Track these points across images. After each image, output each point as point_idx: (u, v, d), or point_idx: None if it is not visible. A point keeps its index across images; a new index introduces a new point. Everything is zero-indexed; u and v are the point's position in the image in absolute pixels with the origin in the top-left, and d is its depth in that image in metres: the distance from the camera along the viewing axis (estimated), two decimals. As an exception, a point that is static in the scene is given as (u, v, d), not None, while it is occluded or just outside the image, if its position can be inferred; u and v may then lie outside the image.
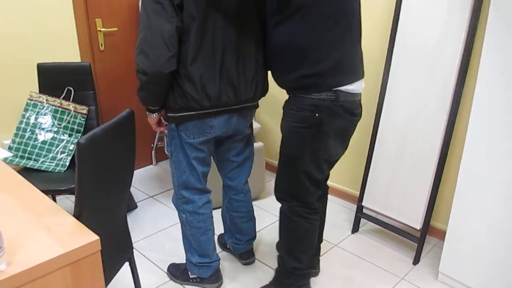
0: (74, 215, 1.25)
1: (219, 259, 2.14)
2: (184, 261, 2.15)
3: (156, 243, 2.50)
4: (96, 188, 1.34)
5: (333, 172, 1.85)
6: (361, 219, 2.62)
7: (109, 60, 3.04)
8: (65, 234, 1.13)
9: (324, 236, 2.56)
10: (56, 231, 1.15)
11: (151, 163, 3.55)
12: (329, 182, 1.95)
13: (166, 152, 3.45)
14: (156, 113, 1.85)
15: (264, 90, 1.97)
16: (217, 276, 2.12)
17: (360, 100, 1.77)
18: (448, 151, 2.22)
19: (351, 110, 1.70)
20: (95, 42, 2.92)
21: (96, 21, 2.88)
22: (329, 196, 2.97)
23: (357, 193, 2.62)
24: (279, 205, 1.91)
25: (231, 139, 2.02)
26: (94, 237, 1.13)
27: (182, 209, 2.00)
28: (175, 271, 2.20)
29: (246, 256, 2.30)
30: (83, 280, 1.11)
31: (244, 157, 2.11)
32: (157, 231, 2.63)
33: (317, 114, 1.65)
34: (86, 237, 1.12)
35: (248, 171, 2.17)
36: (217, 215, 2.22)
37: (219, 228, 2.39)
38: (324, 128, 1.68)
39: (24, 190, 1.38)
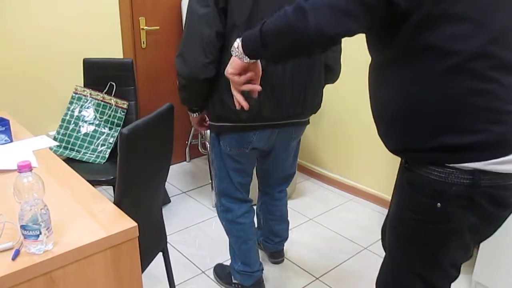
0: (114, 203, 1.31)
1: (262, 269, 2.08)
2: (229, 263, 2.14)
3: (188, 238, 2.56)
4: (135, 177, 1.40)
5: (365, 175, 1.73)
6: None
7: (150, 57, 3.13)
8: (106, 220, 1.19)
9: (355, 240, 2.55)
10: (99, 216, 1.21)
11: (185, 160, 3.62)
12: (361, 186, 1.82)
13: (200, 149, 3.51)
14: (197, 113, 1.82)
15: (315, 105, 1.80)
16: (258, 287, 2.08)
17: None
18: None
19: (500, 201, 1.09)
20: (138, 39, 3.02)
21: (140, 19, 2.98)
22: (361, 200, 2.98)
23: (389, 197, 2.59)
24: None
25: (273, 153, 1.95)
26: (133, 223, 1.18)
27: (222, 217, 1.98)
28: (221, 272, 2.19)
29: (277, 255, 2.31)
30: (122, 264, 1.16)
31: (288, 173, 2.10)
32: (188, 226, 2.69)
33: (439, 204, 1.10)
34: (125, 223, 1.17)
35: (288, 184, 2.16)
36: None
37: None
38: (450, 225, 1.12)
39: (70, 178, 1.46)
